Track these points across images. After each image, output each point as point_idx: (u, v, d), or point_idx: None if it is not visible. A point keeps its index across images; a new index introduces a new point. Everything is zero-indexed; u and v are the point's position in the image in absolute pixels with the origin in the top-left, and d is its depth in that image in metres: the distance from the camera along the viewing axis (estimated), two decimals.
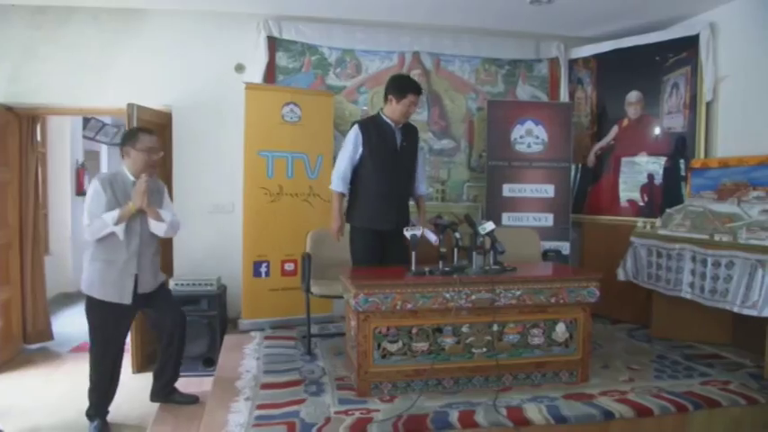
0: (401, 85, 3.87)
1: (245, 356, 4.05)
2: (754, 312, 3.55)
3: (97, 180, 3.43)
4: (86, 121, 8.12)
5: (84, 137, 8.41)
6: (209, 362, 4.40)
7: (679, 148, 5.11)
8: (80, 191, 8.04)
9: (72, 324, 6.10)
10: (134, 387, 4.20)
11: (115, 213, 3.33)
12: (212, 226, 5.08)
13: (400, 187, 4.01)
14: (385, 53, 5.46)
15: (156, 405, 3.78)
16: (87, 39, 4.91)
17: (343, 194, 3.99)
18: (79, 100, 4.94)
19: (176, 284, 4.59)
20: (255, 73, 5.07)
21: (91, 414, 3.59)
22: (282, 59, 5.24)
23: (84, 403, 3.77)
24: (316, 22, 5.24)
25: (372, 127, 3.94)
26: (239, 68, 5.15)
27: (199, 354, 4.43)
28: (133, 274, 3.46)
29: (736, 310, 3.68)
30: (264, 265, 4.79)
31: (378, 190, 3.92)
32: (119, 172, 3.53)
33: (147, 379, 4.27)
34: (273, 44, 5.17)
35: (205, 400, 3.49)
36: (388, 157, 3.92)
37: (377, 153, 3.90)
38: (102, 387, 3.56)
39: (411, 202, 4.17)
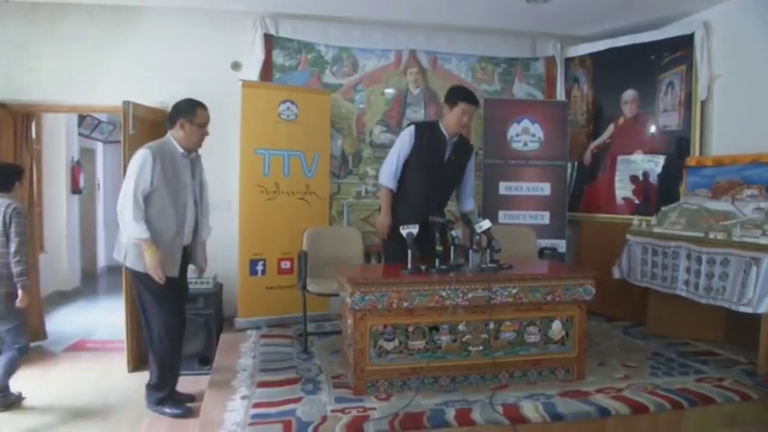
0: (453, 93, 3.97)
1: (242, 355, 4.05)
2: (749, 310, 3.57)
3: (148, 149, 3.30)
4: (82, 118, 8.09)
5: (80, 134, 8.39)
6: (205, 360, 4.39)
7: (674, 146, 5.12)
8: (75, 189, 8.02)
9: (66, 323, 6.09)
10: (129, 386, 4.18)
11: (144, 236, 3.22)
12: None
13: (436, 196, 4.03)
14: (381, 51, 5.46)
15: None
16: (82, 35, 4.90)
17: (391, 191, 4.04)
18: (74, 97, 4.93)
19: None
20: (252, 71, 5.07)
21: (163, 397, 3.56)
22: (279, 57, 5.23)
23: (79, 401, 3.77)
24: (312, 20, 5.23)
25: (427, 132, 4.01)
26: (236, 66, 5.14)
27: (195, 352, 4.42)
28: (182, 246, 3.48)
29: (732, 307, 3.69)
30: (261, 263, 4.79)
31: (413, 195, 3.98)
32: (166, 143, 3.43)
33: (142, 378, 4.26)
34: (270, 42, 5.16)
35: (201, 399, 3.49)
36: (432, 167, 3.98)
37: (422, 159, 3.97)
38: (172, 366, 3.54)
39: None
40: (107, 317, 6.31)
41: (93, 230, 9.50)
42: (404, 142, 4.02)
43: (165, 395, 3.58)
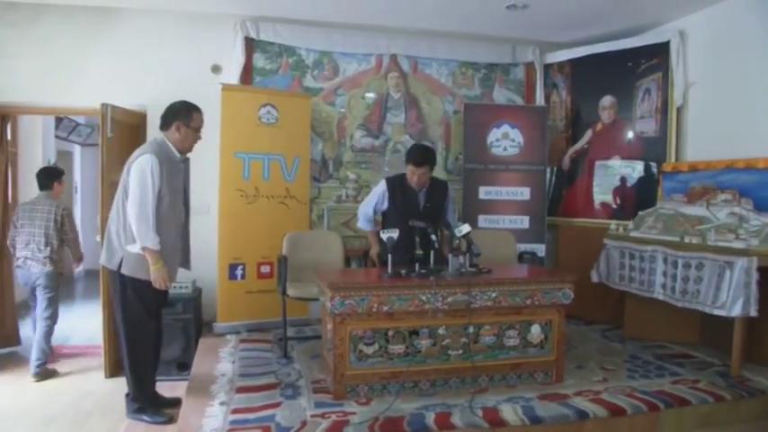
0: (406, 154, 4.22)
1: (221, 360, 4.01)
2: (723, 312, 3.63)
3: (153, 155, 3.26)
4: (59, 120, 7.99)
5: (57, 137, 8.28)
6: (183, 366, 4.34)
7: (651, 151, 5.19)
8: None
9: None
10: (106, 392, 4.13)
11: (157, 247, 3.23)
12: None
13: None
14: (362, 56, 5.46)
15: None
16: (60, 37, 4.83)
17: (372, 231, 4.32)
18: (51, 99, 4.86)
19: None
20: (232, 74, 5.04)
21: (143, 406, 3.50)
22: (259, 61, 5.21)
23: (54, 408, 3.70)
24: (293, 24, 5.22)
25: (399, 186, 4.16)
26: (216, 69, 5.11)
27: (173, 358, 4.37)
28: (180, 252, 3.50)
29: (706, 310, 3.75)
30: (240, 267, 4.75)
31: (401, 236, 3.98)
32: (163, 145, 3.39)
33: (119, 384, 4.20)
34: (251, 45, 5.14)
35: (180, 405, 3.45)
36: (410, 215, 4.03)
37: (399, 211, 4.09)
38: (141, 369, 3.45)
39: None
40: (84, 322, 6.22)
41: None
42: (379, 197, 4.21)
43: (144, 404, 3.52)
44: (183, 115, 3.42)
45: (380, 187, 4.23)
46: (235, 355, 4.10)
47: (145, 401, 3.51)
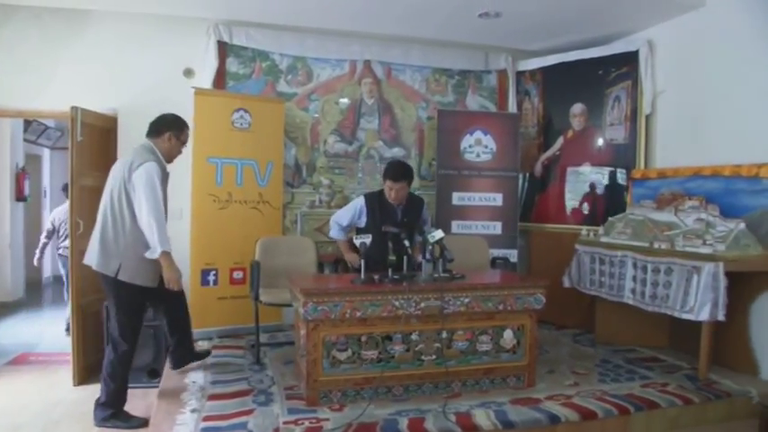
0: (384, 170, 4.25)
1: (192, 367, 3.94)
2: (691, 317, 3.68)
3: (155, 162, 3.38)
4: (28, 123, 7.82)
5: (26, 140, 8.10)
6: (153, 373, 4.26)
7: (621, 158, 5.26)
8: (20, 196, 7.73)
9: (8, 336, 5.86)
10: (75, 400, 4.04)
11: (169, 250, 3.38)
12: None
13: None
14: (336, 61, 5.45)
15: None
16: (29, 38, 4.72)
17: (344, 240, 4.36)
18: (20, 101, 4.74)
19: None
20: (205, 78, 4.98)
21: (114, 412, 3.45)
22: (233, 65, 5.16)
23: (21, 417, 3.60)
24: (267, 29, 5.19)
25: (377, 202, 4.23)
26: (188, 73, 5.05)
27: (143, 365, 4.28)
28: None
29: (675, 314, 3.80)
30: (213, 273, 4.69)
31: (375, 247, 3.95)
32: (156, 152, 3.49)
33: (88, 391, 4.13)
34: (224, 49, 5.09)
35: (150, 414, 3.38)
36: (388, 230, 4.09)
37: (378, 225, 4.12)
38: (126, 374, 3.48)
39: None
40: (52, 329, 6.10)
41: (39, 239, 9.15)
42: (355, 212, 4.28)
43: (117, 410, 3.47)
44: (175, 127, 3.56)
45: (359, 202, 4.30)
46: (206, 362, 4.03)
47: (119, 407, 3.47)
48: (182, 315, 3.83)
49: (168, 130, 3.53)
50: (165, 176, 3.50)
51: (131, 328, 3.45)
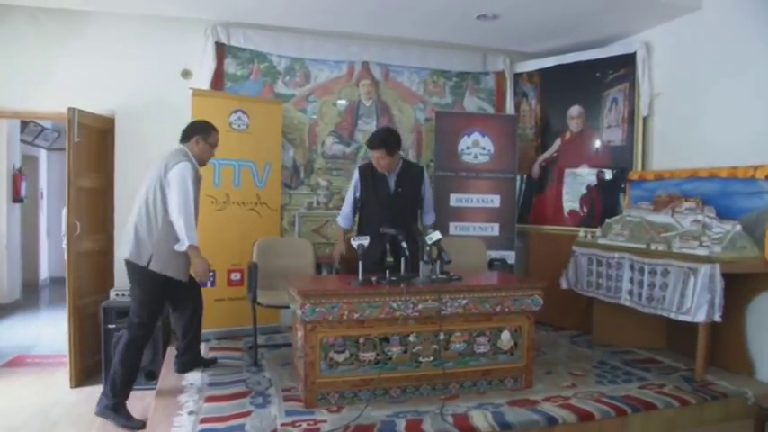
0: (368, 142, 4.18)
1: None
2: (688, 318, 3.69)
3: (188, 162, 3.61)
4: (24, 124, 7.80)
5: (22, 141, 8.09)
6: (151, 375, 4.26)
7: (618, 160, 5.28)
8: (16, 197, 7.72)
9: (4, 338, 5.84)
10: (72, 402, 4.03)
11: (192, 242, 3.55)
12: None
13: (396, 223, 3.99)
14: (334, 63, 5.45)
15: (96, 421, 3.62)
16: (25, 39, 4.71)
17: (343, 229, 4.35)
18: (17, 102, 4.74)
19: (116, 295, 4.44)
20: (203, 79, 4.97)
21: (116, 404, 3.51)
22: (231, 66, 5.16)
23: (17, 419, 3.59)
24: (265, 30, 5.18)
25: (369, 171, 4.21)
26: (186, 74, 5.04)
27: (141, 366, 4.28)
28: None
29: (672, 316, 3.81)
30: (210, 274, 4.67)
31: (372, 223, 4.08)
32: (189, 155, 3.69)
33: (85, 393, 4.13)
34: (221, 51, 5.09)
35: (147, 416, 3.38)
36: (382, 201, 4.12)
37: (371, 196, 4.15)
38: (135, 362, 3.59)
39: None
40: (49, 331, 6.08)
41: (36, 241, 9.16)
42: (353, 184, 4.30)
43: (118, 402, 3.52)
44: (202, 131, 3.76)
45: (355, 175, 4.31)
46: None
47: (121, 399, 3.53)
48: (197, 318, 3.94)
49: (195, 134, 3.74)
50: (197, 178, 3.69)
51: (151, 310, 3.59)
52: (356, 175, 4.28)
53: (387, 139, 4.04)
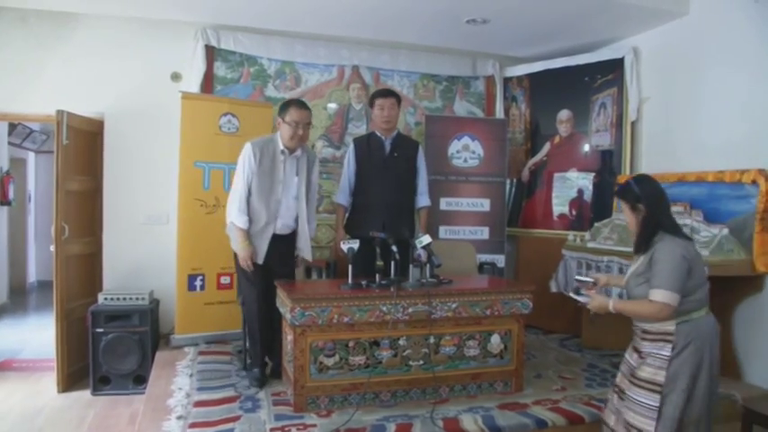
0: (371, 96, 4.26)
1: (178, 373, 3.90)
2: None
3: (249, 144, 3.65)
4: (12, 126, 7.72)
5: (10, 143, 8.01)
6: (139, 379, 4.23)
7: (606, 164, 5.30)
8: (4, 200, 7.64)
9: None
10: (58, 408, 3.99)
11: (242, 226, 3.61)
12: (145, 238, 4.90)
13: (390, 195, 4.11)
14: (324, 66, 5.44)
15: (83, 426, 3.58)
16: (14, 41, 4.67)
17: (343, 207, 4.29)
18: (4, 104, 4.69)
19: (105, 298, 4.40)
20: (192, 82, 4.95)
21: (249, 363, 3.84)
22: (221, 69, 5.14)
23: (3, 426, 3.56)
24: (255, 33, 5.17)
25: (365, 141, 4.28)
26: (176, 77, 5.02)
27: (129, 371, 4.25)
28: (269, 237, 3.66)
29: None
30: (199, 278, 4.65)
31: (366, 198, 4.14)
32: (273, 138, 3.72)
33: (72, 399, 4.09)
34: (211, 54, 5.07)
35: (135, 421, 3.35)
36: (377, 167, 4.14)
37: (366, 163, 4.17)
38: (255, 331, 3.73)
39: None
40: (36, 335, 6.01)
41: (23, 244, 9.07)
42: (348, 158, 4.26)
43: (253, 361, 3.77)
44: (281, 110, 3.68)
45: (350, 147, 4.32)
46: (193, 368, 3.99)
47: (253, 359, 3.81)
48: (272, 314, 3.76)
49: (279, 115, 3.70)
50: (273, 159, 3.64)
51: (246, 286, 3.73)
52: (351, 147, 4.29)
53: (395, 92, 4.19)
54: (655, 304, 2.45)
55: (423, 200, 4.38)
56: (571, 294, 3.01)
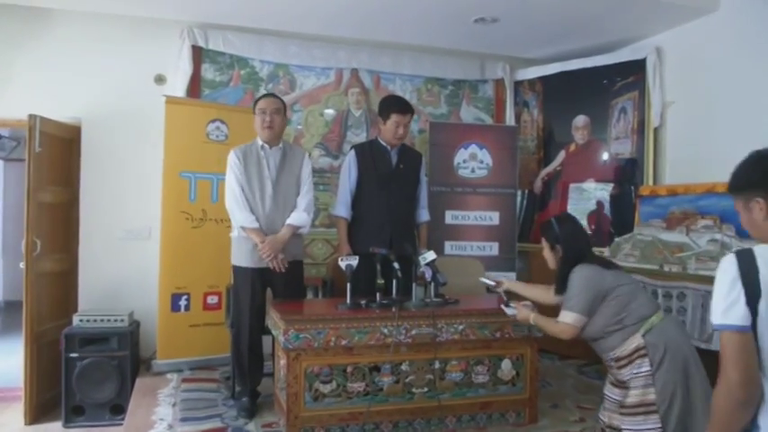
0: (385, 106, 4.17)
1: (160, 402, 3.88)
2: (711, 347, 3.63)
3: (232, 151, 3.81)
4: None
5: None
6: (117, 409, 4.20)
7: (627, 174, 5.31)
8: None
9: None
10: None
11: (250, 225, 3.65)
12: (125, 254, 4.90)
13: (395, 208, 4.11)
14: (321, 69, 5.48)
15: None
16: None
17: (345, 220, 4.20)
18: None
19: (80, 320, 4.37)
20: (178, 85, 4.98)
21: (237, 392, 3.84)
22: (209, 72, 5.17)
23: None
24: (246, 33, 5.21)
25: (367, 149, 4.24)
26: (160, 80, 5.05)
27: (106, 400, 4.22)
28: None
29: (703, 346, 3.74)
30: (184, 297, 4.64)
31: (368, 211, 4.12)
32: (254, 141, 3.85)
33: (41, 431, 4.05)
34: (199, 55, 5.10)
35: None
36: (382, 178, 4.12)
37: (370, 174, 4.14)
38: (242, 361, 3.75)
39: None
40: (2, 361, 5.97)
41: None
42: (348, 167, 4.21)
43: (240, 390, 3.81)
44: (253, 106, 3.86)
45: (349, 155, 4.26)
46: (176, 397, 3.97)
47: (244, 387, 3.80)
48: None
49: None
50: (258, 158, 3.78)
51: (237, 310, 3.76)
52: (351, 154, 4.22)
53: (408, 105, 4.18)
54: (559, 324, 2.84)
55: (423, 214, 4.39)
56: (501, 306, 3.21)
